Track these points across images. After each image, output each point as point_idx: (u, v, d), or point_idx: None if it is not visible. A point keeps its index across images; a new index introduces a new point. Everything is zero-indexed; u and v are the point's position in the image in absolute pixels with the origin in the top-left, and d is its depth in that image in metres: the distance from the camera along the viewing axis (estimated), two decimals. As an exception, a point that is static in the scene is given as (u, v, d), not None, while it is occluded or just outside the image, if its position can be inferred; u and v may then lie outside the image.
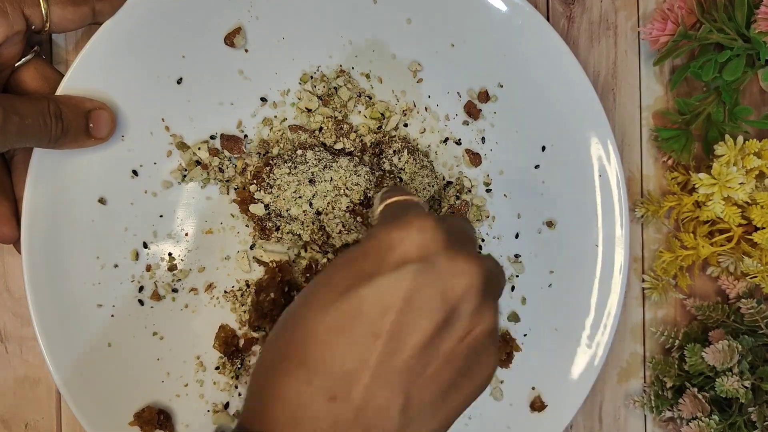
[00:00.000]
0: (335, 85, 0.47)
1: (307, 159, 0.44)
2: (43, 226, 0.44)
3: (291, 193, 0.44)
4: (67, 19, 0.41)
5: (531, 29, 0.47)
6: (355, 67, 0.48)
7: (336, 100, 0.47)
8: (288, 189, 0.44)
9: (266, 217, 0.45)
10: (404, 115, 0.48)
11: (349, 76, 0.47)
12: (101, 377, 0.45)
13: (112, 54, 0.44)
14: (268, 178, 0.45)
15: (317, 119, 0.47)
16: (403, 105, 0.48)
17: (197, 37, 0.45)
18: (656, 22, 0.48)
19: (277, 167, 0.44)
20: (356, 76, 0.48)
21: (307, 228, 0.45)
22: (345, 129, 0.47)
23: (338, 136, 0.46)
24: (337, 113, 0.47)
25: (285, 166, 0.44)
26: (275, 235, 0.45)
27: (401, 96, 0.48)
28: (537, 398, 0.49)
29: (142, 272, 0.46)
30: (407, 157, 0.46)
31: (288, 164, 0.44)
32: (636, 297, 0.52)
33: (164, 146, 0.46)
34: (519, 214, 0.49)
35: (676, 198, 0.50)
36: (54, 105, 0.41)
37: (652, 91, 0.52)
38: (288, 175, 0.44)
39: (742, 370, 0.46)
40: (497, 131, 0.49)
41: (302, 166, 0.44)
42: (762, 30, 0.45)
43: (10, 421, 0.49)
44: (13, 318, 0.48)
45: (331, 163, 0.44)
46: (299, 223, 0.45)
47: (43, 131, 0.40)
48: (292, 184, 0.44)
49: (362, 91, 0.48)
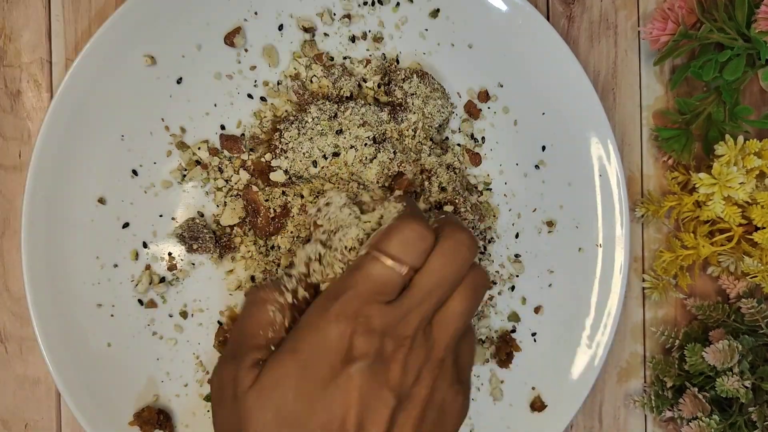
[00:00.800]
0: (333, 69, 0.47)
1: (312, 114, 0.44)
2: (43, 226, 0.44)
3: (304, 153, 0.44)
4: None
5: (531, 29, 0.47)
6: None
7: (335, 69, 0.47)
8: (301, 149, 0.44)
9: (289, 182, 0.45)
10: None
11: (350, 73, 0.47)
12: (101, 377, 0.45)
13: (112, 54, 0.44)
14: (280, 143, 0.44)
15: (315, 73, 0.47)
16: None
17: (197, 37, 0.45)
18: (656, 21, 0.48)
19: (286, 130, 0.44)
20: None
21: (334, 184, 0.44)
22: (340, 71, 0.46)
23: (337, 78, 0.46)
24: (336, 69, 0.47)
25: (293, 128, 0.44)
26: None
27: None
28: (537, 398, 0.49)
29: (142, 272, 0.46)
30: (417, 81, 0.46)
31: (295, 125, 0.44)
32: (636, 297, 0.52)
33: (164, 146, 0.46)
34: (519, 214, 0.49)
35: (677, 198, 0.50)
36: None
37: (653, 91, 0.52)
38: (298, 135, 0.44)
39: (742, 370, 0.46)
40: (497, 131, 0.49)
41: (309, 123, 0.44)
42: (762, 29, 0.45)
43: (10, 421, 0.49)
44: (13, 318, 0.48)
45: (336, 112, 0.44)
46: (321, 181, 0.44)
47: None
48: (304, 144, 0.44)
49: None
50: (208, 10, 0.45)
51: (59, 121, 0.43)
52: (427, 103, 0.45)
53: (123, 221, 0.46)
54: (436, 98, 0.46)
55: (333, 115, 0.44)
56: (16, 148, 0.48)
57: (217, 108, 0.46)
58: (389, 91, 0.46)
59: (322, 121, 0.44)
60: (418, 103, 0.45)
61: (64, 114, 0.44)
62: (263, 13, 0.46)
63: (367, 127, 0.43)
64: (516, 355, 0.49)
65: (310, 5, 0.47)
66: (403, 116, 0.45)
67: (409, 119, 0.45)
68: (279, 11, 0.46)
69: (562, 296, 0.49)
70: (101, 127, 0.45)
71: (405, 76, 0.46)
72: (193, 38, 0.45)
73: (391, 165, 0.44)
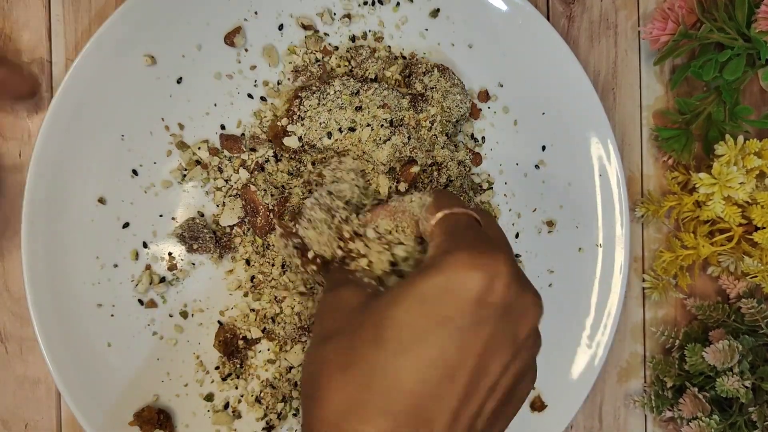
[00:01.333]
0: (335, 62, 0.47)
1: (336, 87, 0.44)
2: (43, 225, 0.44)
3: (321, 123, 0.44)
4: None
5: (531, 29, 0.47)
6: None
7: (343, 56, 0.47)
8: (319, 118, 0.44)
9: (301, 149, 0.45)
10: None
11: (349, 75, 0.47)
12: (101, 377, 0.45)
13: (113, 54, 0.44)
14: (299, 110, 0.44)
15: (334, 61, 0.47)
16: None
17: (197, 37, 0.45)
18: (656, 21, 0.48)
19: (307, 99, 0.44)
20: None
21: (345, 160, 0.44)
22: (364, 54, 0.47)
23: (365, 59, 0.46)
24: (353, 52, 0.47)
25: (314, 97, 0.44)
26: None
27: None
28: (537, 398, 0.49)
29: (142, 272, 0.46)
30: (438, 75, 0.46)
31: (316, 95, 0.44)
32: (636, 297, 0.52)
33: (164, 146, 0.46)
34: (519, 214, 0.49)
35: (677, 198, 0.50)
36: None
37: (653, 91, 0.52)
38: (317, 105, 0.44)
39: (742, 370, 0.46)
40: (497, 131, 0.49)
41: (331, 95, 0.44)
42: (762, 29, 0.45)
43: (10, 421, 0.49)
44: (13, 318, 0.48)
45: (359, 89, 0.44)
46: (332, 153, 0.44)
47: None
48: (322, 114, 0.44)
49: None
50: (208, 10, 0.45)
51: (59, 121, 0.43)
52: (446, 98, 0.46)
53: (123, 221, 0.46)
54: (455, 93, 0.46)
55: (356, 91, 0.44)
56: (16, 148, 0.48)
57: (217, 108, 0.46)
58: (409, 83, 0.46)
59: (343, 95, 0.44)
60: (437, 97, 0.45)
61: (64, 114, 0.44)
62: (263, 13, 0.46)
63: (386, 110, 0.44)
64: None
65: (310, 5, 0.47)
66: (423, 106, 0.45)
67: (428, 111, 0.45)
68: (279, 11, 0.46)
69: (562, 296, 0.49)
70: (101, 127, 0.45)
71: (426, 70, 0.46)
72: (193, 38, 0.45)
73: (403, 149, 0.44)
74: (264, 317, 0.47)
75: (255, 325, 0.47)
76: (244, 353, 0.47)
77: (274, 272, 0.46)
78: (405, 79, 0.47)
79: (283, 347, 0.47)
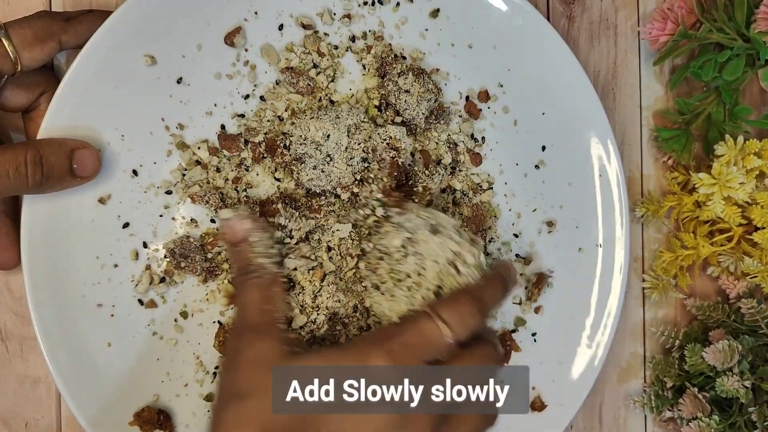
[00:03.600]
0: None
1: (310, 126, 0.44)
2: (43, 225, 0.44)
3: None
4: (36, 59, 0.42)
5: (531, 29, 0.47)
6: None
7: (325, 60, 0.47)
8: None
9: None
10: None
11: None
12: (101, 377, 0.45)
13: (113, 54, 0.44)
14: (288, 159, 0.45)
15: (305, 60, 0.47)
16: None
17: (197, 37, 0.45)
18: (656, 21, 0.48)
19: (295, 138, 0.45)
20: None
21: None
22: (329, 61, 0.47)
23: (326, 68, 0.46)
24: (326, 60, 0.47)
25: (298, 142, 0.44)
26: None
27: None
28: (537, 398, 0.49)
29: (142, 272, 0.46)
30: (413, 80, 0.46)
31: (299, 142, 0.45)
32: (636, 297, 0.52)
33: (164, 146, 0.46)
34: (519, 214, 0.49)
35: (677, 198, 0.50)
36: (33, 151, 0.41)
37: (652, 91, 0.52)
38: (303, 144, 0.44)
39: (742, 370, 0.46)
40: (497, 131, 0.49)
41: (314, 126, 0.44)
42: (762, 30, 0.45)
43: (11, 420, 0.49)
44: (14, 317, 0.48)
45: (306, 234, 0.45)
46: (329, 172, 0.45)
47: (20, 181, 0.40)
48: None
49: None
50: (208, 10, 0.45)
51: (59, 121, 0.43)
52: (420, 104, 0.45)
53: (123, 221, 0.46)
54: (428, 99, 0.46)
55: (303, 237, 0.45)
56: (17, 148, 0.48)
57: (217, 108, 0.46)
58: (382, 85, 0.46)
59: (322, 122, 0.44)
60: (411, 101, 0.45)
61: (64, 114, 0.44)
62: (263, 13, 0.46)
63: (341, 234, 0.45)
64: (516, 355, 0.49)
65: (311, 5, 0.47)
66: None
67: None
68: (279, 11, 0.46)
69: (562, 296, 0.49)
70: (101, 127, 0.45)
71: (400, 72, 0.46)
72: (193, 38, 0.46)
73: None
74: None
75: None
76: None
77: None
78: (381, 78, 0.47)
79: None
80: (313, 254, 0.45)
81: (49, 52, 0.42)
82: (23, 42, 0.41)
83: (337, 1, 0.47)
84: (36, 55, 0.42)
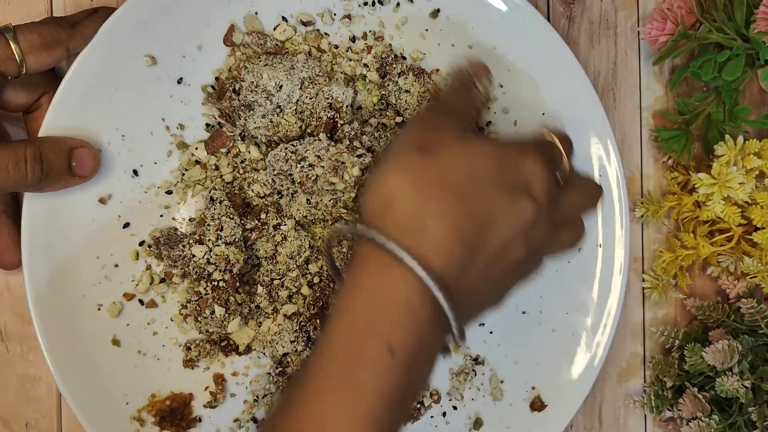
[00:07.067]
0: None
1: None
2: (44, 225, 0.44)
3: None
4: (42, 64, 0.42)
5: (531, 29, 0.47)
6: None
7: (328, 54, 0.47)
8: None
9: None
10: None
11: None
12: (101, 377, 0.45)
13: (113, 54, 0.44)
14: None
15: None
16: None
17: (197, 37, 0.46)
18: (656, 21, 0.48)
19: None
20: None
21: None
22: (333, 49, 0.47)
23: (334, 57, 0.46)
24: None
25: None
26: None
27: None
28: (537, 398, 0.49)
29: (142, 272, 0.46)
30: (413, 80, 0.46)
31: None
32: (636, 297, 0.52)
33: (164, 146, 0.46)
34: (519, 214, 0.49)
35: (676, 198, 0.50)
36: (33, 148, 0.41)
37: (652, 91, 0.52)
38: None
39: (742, 370, 0.46)
40: (497, 131, 0.49)
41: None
42: (761, 30, 0.45)
43: (11, 420, 0.49)
44: (14, 317, 0.48)
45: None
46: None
47: (19, 176, 0.40)
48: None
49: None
50: (208, 10, 0.45)
51: (59, 121, 0.44)
52: (420, 104, 0.45)
53: (123, 221, 0.46)
54: (428, 99, 0.46)
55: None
56: (17, 148, 0.48)
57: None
58: (382, 85, 0.46)
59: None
60: (411, 101, 0.45)
61: (65, 114, 0.44)
62: (263, 13, 0.46)
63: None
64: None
65: (311, 5, 0.47)
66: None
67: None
68: (279, 11, 0.46)
69: (562, 296, 0.49)
70: (101, 127, 0.45)
71: (401, 71, 0.46)
72: (193, 38, 0.46)
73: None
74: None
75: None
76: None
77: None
78: (381, 77, 0.46)
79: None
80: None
81: (56, 58, 0.42)
82: (31, 47, 0.41)
83: (337, 1, 0.47)
84: (42, 60, 0.42)
